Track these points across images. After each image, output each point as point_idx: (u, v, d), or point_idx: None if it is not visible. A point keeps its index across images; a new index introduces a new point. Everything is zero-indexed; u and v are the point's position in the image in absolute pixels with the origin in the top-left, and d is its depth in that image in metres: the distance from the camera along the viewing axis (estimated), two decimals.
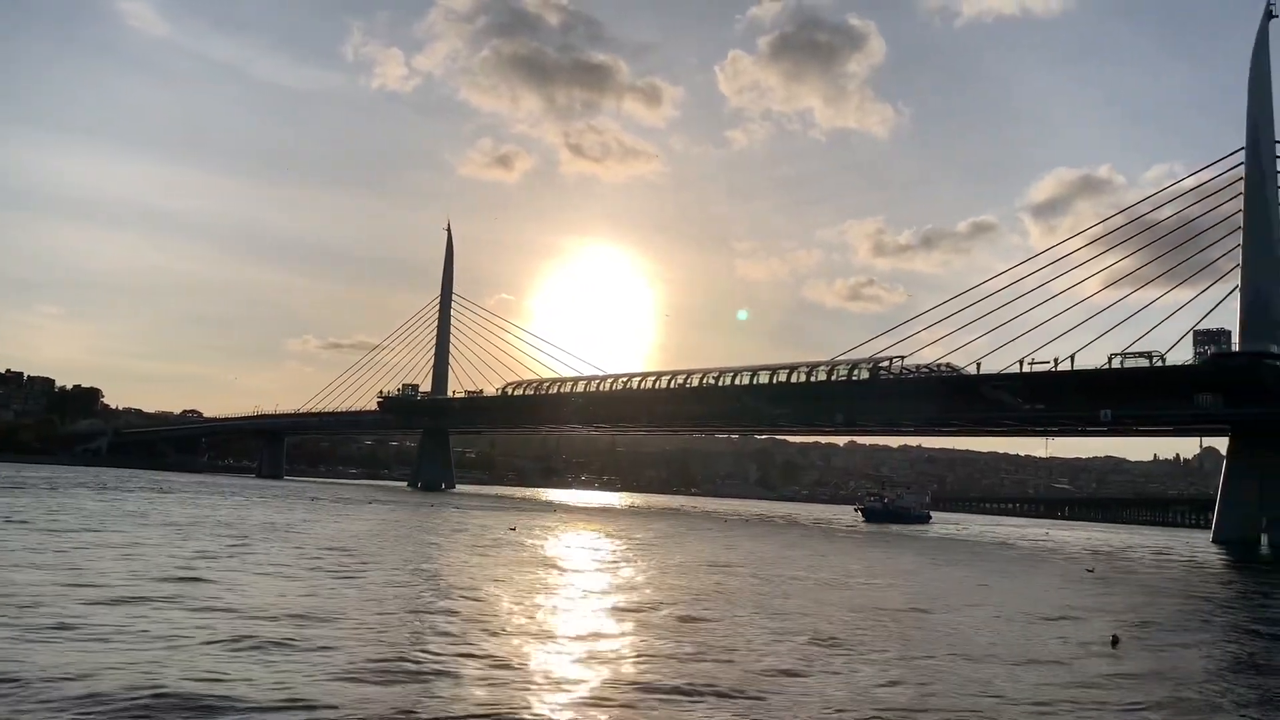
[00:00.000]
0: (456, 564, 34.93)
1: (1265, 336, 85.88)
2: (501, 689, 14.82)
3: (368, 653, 16.82)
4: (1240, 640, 26.34)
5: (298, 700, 13.31)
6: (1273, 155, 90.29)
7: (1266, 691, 18.50)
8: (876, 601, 29.70)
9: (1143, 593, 39.63)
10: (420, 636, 19.05)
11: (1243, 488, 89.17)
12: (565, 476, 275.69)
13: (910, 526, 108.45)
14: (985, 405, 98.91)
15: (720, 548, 52.71)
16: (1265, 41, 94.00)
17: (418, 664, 16.21)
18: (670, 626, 21.93)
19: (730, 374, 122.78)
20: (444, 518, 70.64)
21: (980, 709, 15.31)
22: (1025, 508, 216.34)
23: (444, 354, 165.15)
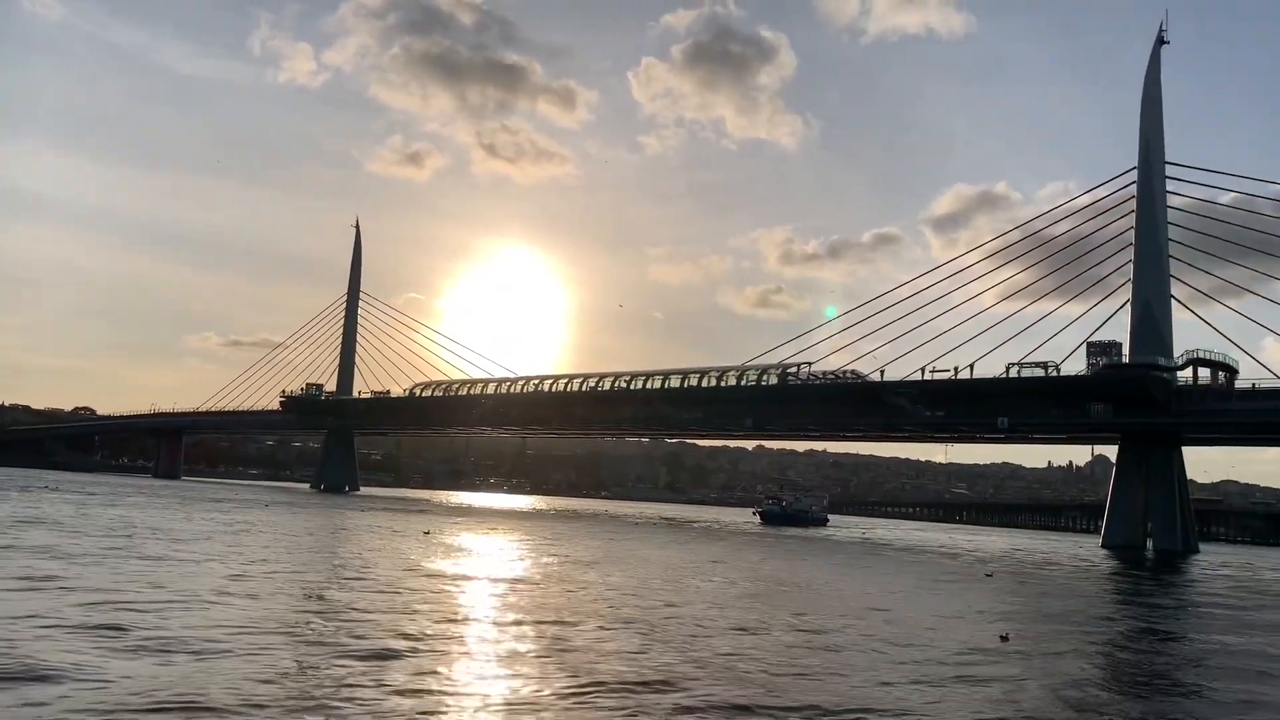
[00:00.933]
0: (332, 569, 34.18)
1: (1154, 349, 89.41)
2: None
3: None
4: (1120, 640, 27.31)
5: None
6: (1163, 175, 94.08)
7: (1138, 687, 19.19)
8: (763, 598, 29.96)
9: (1036, 595, 40.82)
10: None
11: (1130, 494, 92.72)
12: (473, 479, 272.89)
13: (808, 529, 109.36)
14: (888, 412, 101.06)
15: (601, 552, 52.69)
16: (1157, 66, 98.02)
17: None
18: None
19: (642, 378, 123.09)
20: (329, 519, 69.21)
21: (865, 703, 15.48)
22: (925, 512, 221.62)
23: (350, 353, 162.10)
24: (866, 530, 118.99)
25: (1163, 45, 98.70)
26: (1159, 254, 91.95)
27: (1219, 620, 33.77)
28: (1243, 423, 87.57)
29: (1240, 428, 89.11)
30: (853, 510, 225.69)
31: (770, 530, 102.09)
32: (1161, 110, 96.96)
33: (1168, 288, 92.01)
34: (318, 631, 19.31)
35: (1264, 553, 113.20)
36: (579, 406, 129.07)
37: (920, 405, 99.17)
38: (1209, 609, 38.59)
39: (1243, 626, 31.51)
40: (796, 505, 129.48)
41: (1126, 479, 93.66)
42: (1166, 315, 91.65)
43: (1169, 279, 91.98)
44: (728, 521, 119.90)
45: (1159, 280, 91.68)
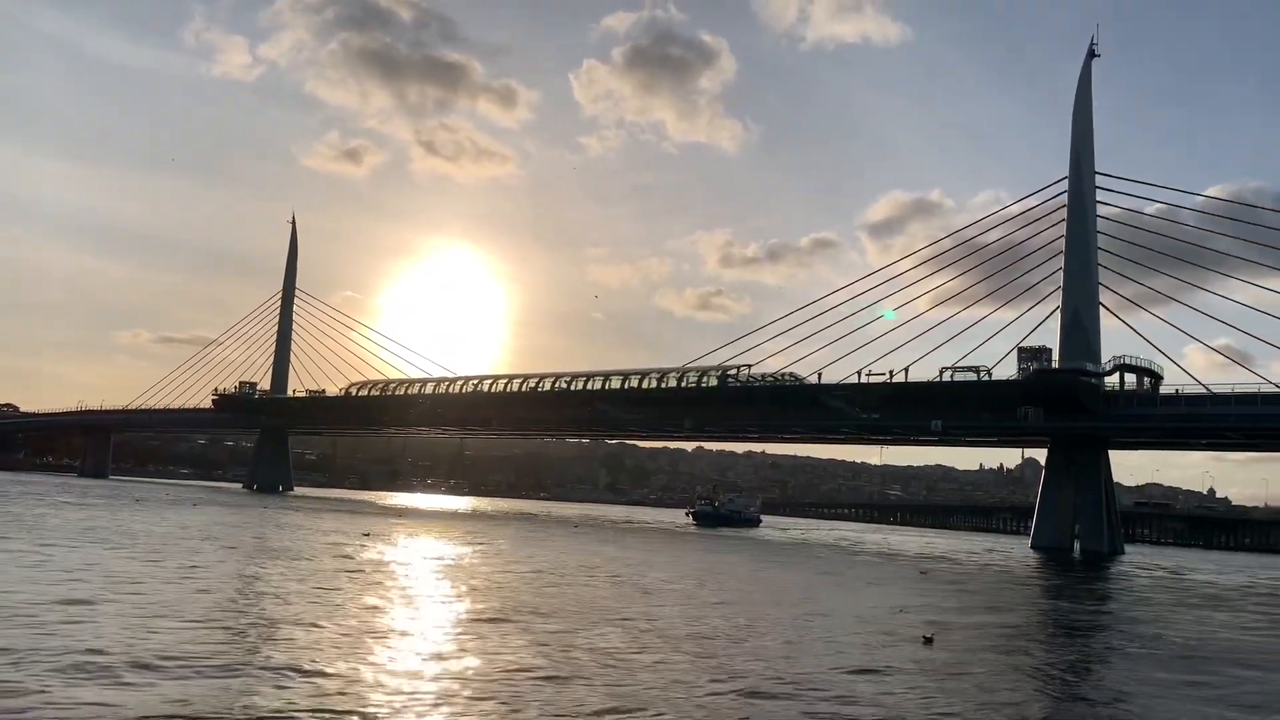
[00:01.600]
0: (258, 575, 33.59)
1: (1082, 355, 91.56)
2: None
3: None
4: (1041, 641, 27.86)
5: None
6: (1093, 185, 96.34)
7: (1051, 687, 19.59)
8: (696, 603, 30.07)
9: (966, 594, 41.50)
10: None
11: (1059, 497, 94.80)
12: (410, 480, 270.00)
13: (740, 530, 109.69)
14: (825, 414, 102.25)
15: (531, 551, 52.55)
16: (1088, 78, 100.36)
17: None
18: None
19: (582, 378, 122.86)
20: (256, 519, 68.05)
21: (781, 704, 15.60)
22: (861, 513, 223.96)
23: (285, 351, 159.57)
24: (803, 530, 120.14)
25: (1094, 58, 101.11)
26: (1088, 262, 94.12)
27: (1140, 621, 34.66)
28: (1167, 427, 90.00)
29: (1164, 432, 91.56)
30: (790, 511, 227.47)
31: (703, 531, 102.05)
32: (1092, 121, 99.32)
33: (1096, 295, 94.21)
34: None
35: (1185, 554, 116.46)
36: (518, 407, 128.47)
37: (856, 407, 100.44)
38: (1131, 610, 39.59)
39: (1162, 626, 32.36)
40: (730, 506, 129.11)
41: (1055, 481, 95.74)
42: (1095, 322, 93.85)
43: (1097, 286, 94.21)
44: (666, 521, 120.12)
45: (1088, 287, 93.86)
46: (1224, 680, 21.29)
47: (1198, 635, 30.02)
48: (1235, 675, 22.13)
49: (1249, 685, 20.87)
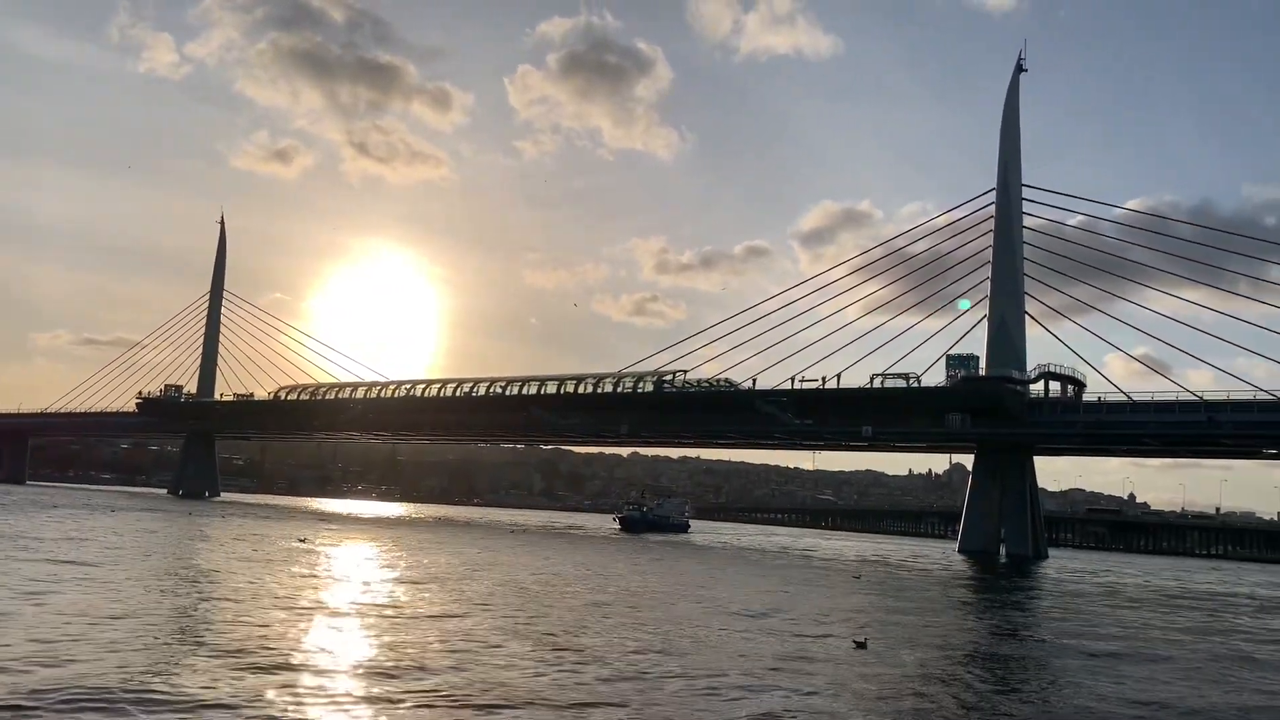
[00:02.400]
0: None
1: (1008, 363, 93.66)
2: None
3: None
4: (969, 645, 28.40)
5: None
6: (1020, 196, 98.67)
7: (979, 691, 20.00)
8: (623, 602, 30.11)
9: (899, 598, 42.13)
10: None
11: (985, 502, 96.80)
12: (341, 486, 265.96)
13: (669, 535, 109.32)
14: (760, 419, 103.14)
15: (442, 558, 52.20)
16: (1016, 92, 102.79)
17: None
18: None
19: (517, 383, 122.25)
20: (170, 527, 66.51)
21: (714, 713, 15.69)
22: (794, 518, 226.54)
23: (212, 354, 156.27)
24: (737, 536, 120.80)
25: (1021, 72, 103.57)
26: (1015, 272, 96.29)
27: (1062, 622, 35.53)
28: (1089, 434, 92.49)
29: (1087, 438, 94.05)
30: (724, 517, 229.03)
31: (630, 536, 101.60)
32: (1019, 134, 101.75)
33: (1022, 304, 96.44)
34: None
35: (1106, 557, 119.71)
36: (452, 412, 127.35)
37: (790, 413, 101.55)
38: (1053, 612, 40.57)
39: (1083, 627, 33.22)
40: (658, 511, 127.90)
41: (982, 487, 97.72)
42: (1021, 330, 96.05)
43: (1023, 296, 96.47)
44: (592, 528, 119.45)
45: (1014, 297, 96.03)
46: (1140, 678, 21.91)
47: (1119, 634, 30.87)
48: (1148, 673, 22.80)
49: (1160, 685, 21.50)
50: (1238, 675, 24.01)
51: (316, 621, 23.62)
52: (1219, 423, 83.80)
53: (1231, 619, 41.69)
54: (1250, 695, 21.02)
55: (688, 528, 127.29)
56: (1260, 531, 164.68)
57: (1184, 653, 27.84)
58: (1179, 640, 31.13)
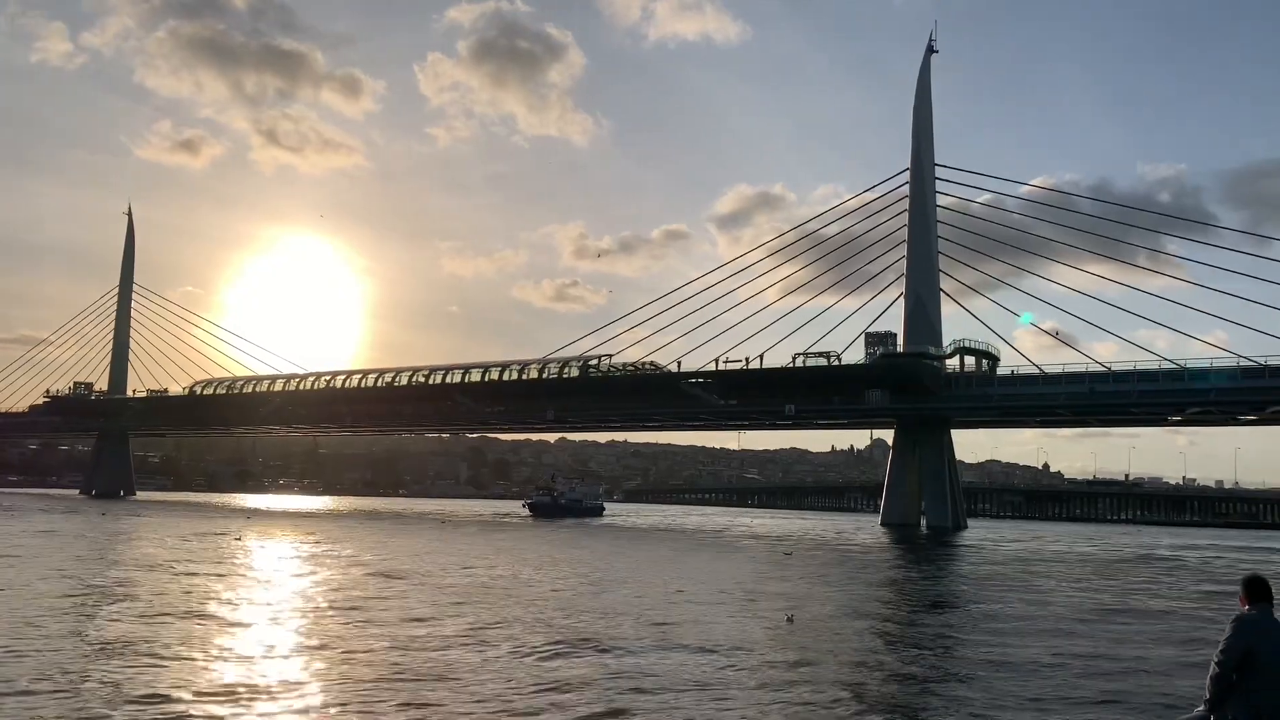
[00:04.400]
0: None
1: (925, 339, 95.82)
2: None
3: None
4: (891, 613, 29.28)
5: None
6: (933, 176, 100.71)
7: (903, 656, 20.70)
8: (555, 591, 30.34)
9: (826, 571, 43.07)
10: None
11: (906, 475, 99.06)
12: (261, 480, 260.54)
13: (582, 520, 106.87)
14: (685, 401, 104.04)
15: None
16: (928, 73, 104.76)
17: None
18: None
19: (441, 372, 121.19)
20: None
21: (644, 689, 16.01)
22: (721, 497, 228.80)
23: (123, 350, 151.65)
24: (663, 516, 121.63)
25: (933, 54, 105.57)
26: (929, 250, 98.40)
27: (981, 589, 36.77)
28: (1004, 406, 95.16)
29: (1002, 410, 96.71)
30: (652, 498, 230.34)
31: (541, 522, 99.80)
32: (931, 115, 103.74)
33: (937, 281, 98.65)
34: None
35: (1022, 525, 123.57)
36: (374, 403, 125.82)
37: (715, 394, 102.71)
38: (972, 579, 41.92)
39: (1001, 592, 34.45)
40: (570, 495, 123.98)
41: (902, 461, 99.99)
42: (936, 307, 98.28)
43: (938, 273, 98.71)
44: (504, 513, 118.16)
45: (929, 275, 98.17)
46: (1035, 634, 22.88)
47: (1029, 598, 32.10)
48: (1047, 629, 23.81)
49: (1078, 646, 22.47)
50: (1125, 628, 25.17)
51: (239, 628, 23.36)
52: (1127, 392, 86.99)
53: (1131, 578, 43.51)
54: (1132, 646, 22.09)
55: (602, 511, 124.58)
56: (1167, 496, 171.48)
57: (1075, 609, 29.06)
58: (1075, 597, 32.47)
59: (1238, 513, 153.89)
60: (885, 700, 16.25)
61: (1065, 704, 16.07)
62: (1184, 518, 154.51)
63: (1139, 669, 19.48)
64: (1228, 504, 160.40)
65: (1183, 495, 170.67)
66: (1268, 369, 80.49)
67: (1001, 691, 16.84)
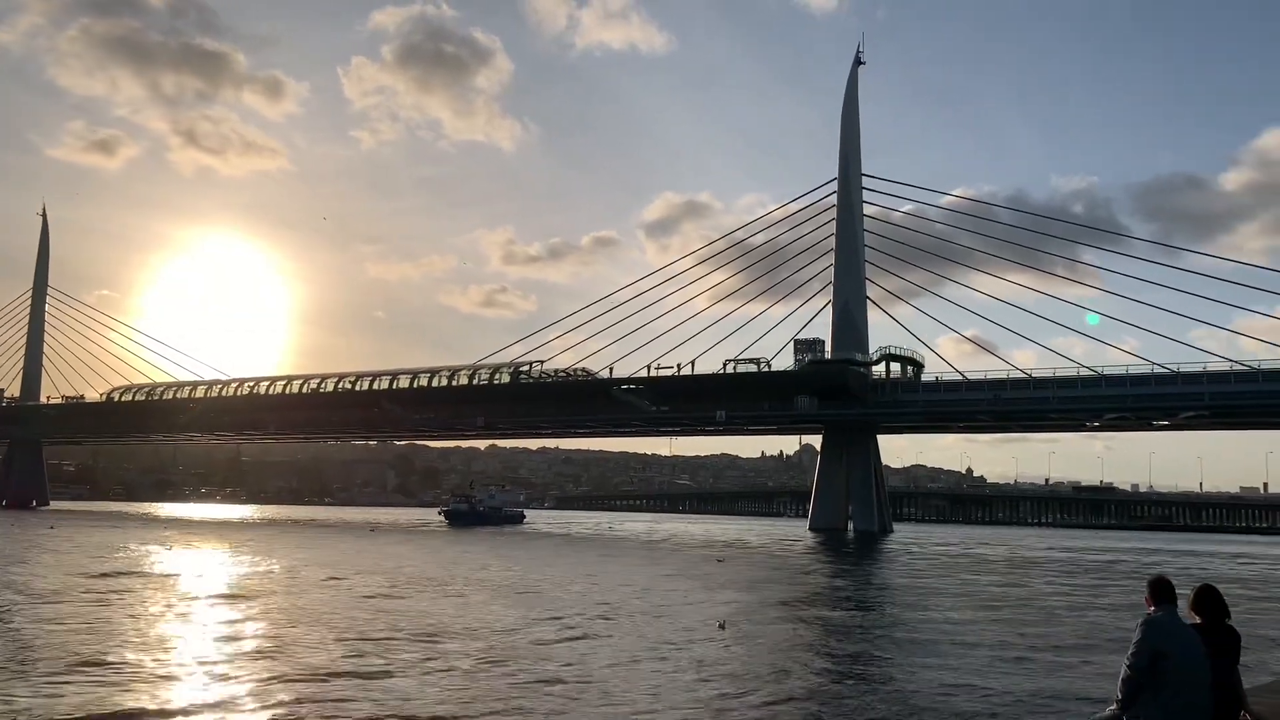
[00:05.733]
0: None
1: (852, 346, 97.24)
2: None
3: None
4: (824, 613, 29.64)
5: None
6: (860, 186, 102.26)
7: (839, 660, 20.99)
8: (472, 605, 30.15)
9: (755, 577, 43.39)
10: None
11: (833, 480, 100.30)
12: (183, 490, 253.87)
13: (502, 528, 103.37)
14: (617, 407, 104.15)
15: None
16: (855, 84, 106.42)
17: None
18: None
19: (368, 378, 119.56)
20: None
21: (579, 699, 16.00)
22: (653, 503, 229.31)
23: (37, 354, 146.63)
24: (594, 523, 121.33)
25: (860, 65, 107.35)
26: (856, 258, 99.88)
27: (906, 592, 37.42)
28: (929, 411, 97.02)
29: (927, 416, 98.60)
30: (584, 505, 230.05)
31: (457, 530, 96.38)
32: (859, 126, 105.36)
33: (863, 289, 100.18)
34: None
35: (944, 529, 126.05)
36: (299, 410, 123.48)
37: (646, 400, 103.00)
38: (897, 582, 42.64)
39: (927, 595, 35.12)
40: (489, 502, 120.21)
41: (829, 466, 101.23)
42: (863, 315, 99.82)
43: (864, 281, 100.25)
44: (424, 521, 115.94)
45: (856, 283, 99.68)
46: (955, 629, 23.39)
47: (949, 598, 32.79)
48: (966, 626, 24.35)
49: (968, 633, 23.00)
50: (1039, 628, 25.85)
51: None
52: (1047, 399, 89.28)
53: (1036, 582, 44.67)
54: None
55: (522, 519, 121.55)
56: (1084, 500, 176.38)
57: (987, 610, 29.77)
58: (990, 596, 33.27)
59: (1152, 515, 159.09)
60: (814, 701, 16.43)
61: (979, 699, 16.42)
62: (1102, 520, 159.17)
63: (1051, 666, 19.99)
64: (1143, 507, 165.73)
65: (1100, 500, 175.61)
66: (1180, 375, 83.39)
67: (925, 693, 17.15)
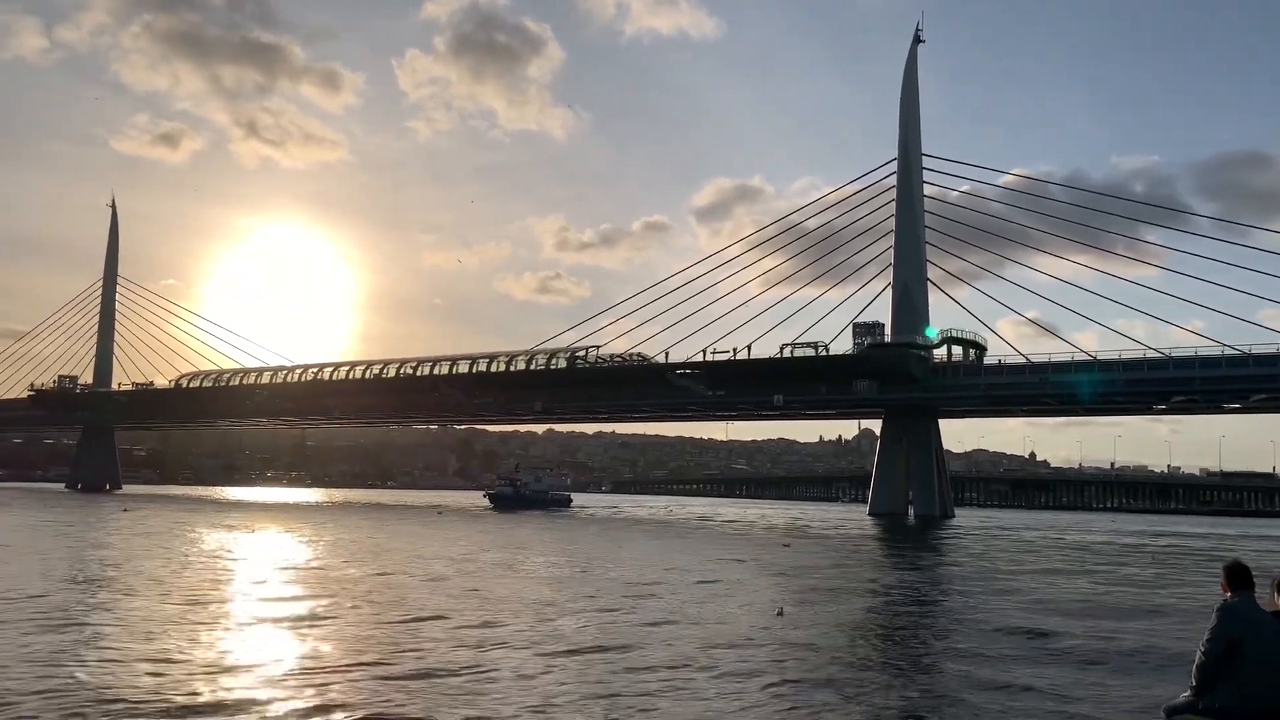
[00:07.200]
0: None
1: (912, 329, 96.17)
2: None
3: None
4: (883, 605, 29.27)
5: None
6: (920, 166, 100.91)
7: (896, 656, 20.67)
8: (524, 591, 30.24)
9: (816, 562, 43.05)
10: None
11: (893, 465, 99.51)
12: (249, 474, 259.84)
13: (548, 511, 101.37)
14: (673, 392, 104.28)
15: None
16: (914, 64, 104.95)
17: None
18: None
19: (428, 364, 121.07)
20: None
21: (620, 692, 15.91)
22: (709, 488, 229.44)
23: (108, 343, 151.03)
24: (651, 508, 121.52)
25: (919, 44, 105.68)
26: (916, 240, 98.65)
27: (968, 580, 36.83)
28: (991, 395, 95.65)
29: (989, 400, 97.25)
30: (640, 489, 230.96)
31: (502, 515, 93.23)
32: (918, 104, 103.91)
33: (924, 271, 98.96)
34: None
35: (1008, 514, 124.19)
36: (361, 394, 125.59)
37: (702, 385, 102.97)
38: (960, 570, 42.01)
39: (990, 587, 34.52)
40: (534, 486, 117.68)
41: (889, 451, 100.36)
42: (924, 297, 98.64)
43: (925, 263, 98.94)
44: (463, 504, 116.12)
45: (916, 265, 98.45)
46: (1048, 626, 22.90)
47: (1022, 589, 32.17)
48: (1059, 621, 23.82)
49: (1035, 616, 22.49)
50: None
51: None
52: (1114, 381, 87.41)
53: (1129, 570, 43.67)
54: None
55: (569, 502, 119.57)
56: (1150, 484, 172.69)
57: (1067, 599, 29.12)
58: (1054, 582, 32.58)
59: (1222, 500, 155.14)
60: (870, 695, 16.17)
61: (1053, 689, 16.03)
62: (1170, 505, 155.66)
63: (1134, 655, 19.48)
64: (1213, 491, 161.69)
65: (1168, 484, 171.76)
66: (1252, 357, 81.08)
67: (999, 683, 16.80)
